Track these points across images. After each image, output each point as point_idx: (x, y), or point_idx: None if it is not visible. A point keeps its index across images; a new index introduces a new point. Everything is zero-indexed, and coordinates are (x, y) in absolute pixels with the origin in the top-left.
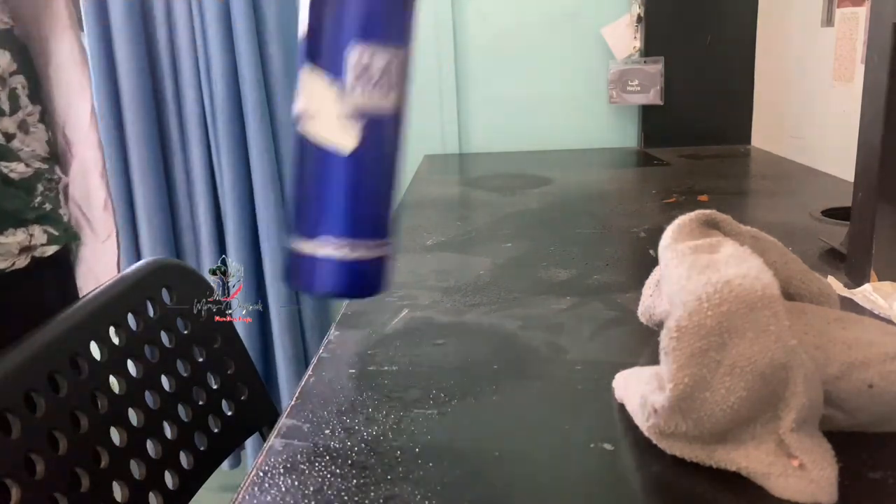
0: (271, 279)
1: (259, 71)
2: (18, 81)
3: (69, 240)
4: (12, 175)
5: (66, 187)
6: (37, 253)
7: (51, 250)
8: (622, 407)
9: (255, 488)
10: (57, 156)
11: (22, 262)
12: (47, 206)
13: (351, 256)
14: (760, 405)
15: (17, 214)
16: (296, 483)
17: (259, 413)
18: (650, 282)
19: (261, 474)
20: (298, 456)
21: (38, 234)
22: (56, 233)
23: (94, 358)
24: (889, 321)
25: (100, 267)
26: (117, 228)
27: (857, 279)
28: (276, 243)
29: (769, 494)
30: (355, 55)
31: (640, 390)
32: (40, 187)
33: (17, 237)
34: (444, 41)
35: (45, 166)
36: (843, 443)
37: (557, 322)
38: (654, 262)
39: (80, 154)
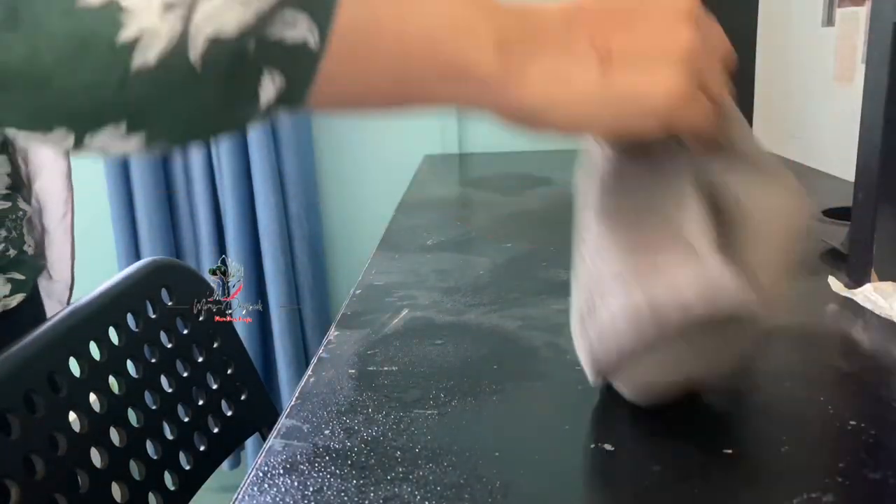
0: (271, 279)
1: None
2: None
3: (37, 276)
4: None
5: (28, 217)
6: None
7: (17, 300)
8: (622, 407)
9: (255, 488)
10: (20, 186)
11: None
12: (11, 252)
13: None
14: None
15: None
16: (296, 483)
17: (259, 413)
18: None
19: (261, 474)
20: (298, 456)
21: (1, 285)
22: (23, 277)
23: (93, 358)
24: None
25: (47, 302)
26: (73, 278)
27: (857, 279)
28: (276, 243)
29: (769, 495)
30: None
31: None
32: (3, 232)
33: None
34: None
35: (8, 204)
36: (842, 442)
37: (557, 322)
38: None
39: (43, 187)
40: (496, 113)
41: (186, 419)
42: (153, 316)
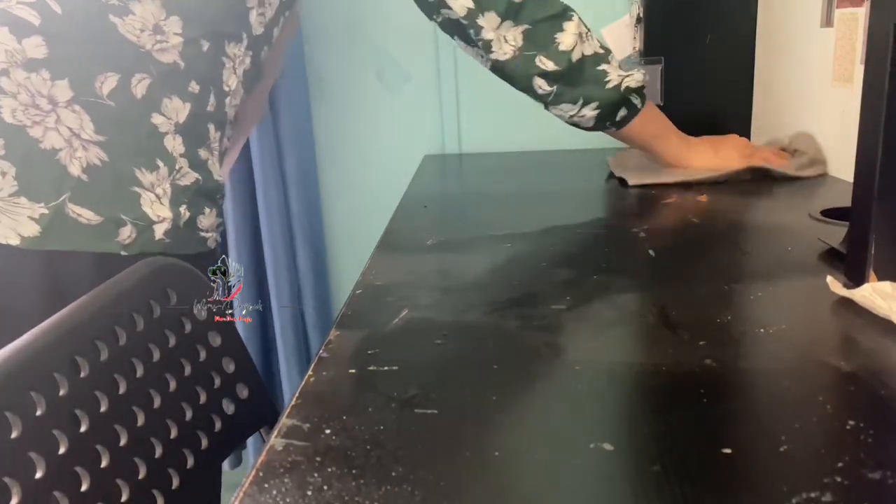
0: (273, 279)
1: None
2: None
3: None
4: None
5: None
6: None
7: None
8: (622, 407)
9: (255, 488)
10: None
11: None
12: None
13: None
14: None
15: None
16: (296, 483)
17: (260, 412)
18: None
19: (261, 474)
20: (298, 456)
21: (216, 217)
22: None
23: (94, 357)
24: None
25: None
26: None
27: (856, 279)
28: (278, 243)
29: (768, 495)
30: None
31: None
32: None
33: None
34: (443, 41)
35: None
36: (841, 442)
37: (557, 322)
38: (655, 261)
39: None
40: (671, 160)
41: (188, 418)
42: (154, 315)
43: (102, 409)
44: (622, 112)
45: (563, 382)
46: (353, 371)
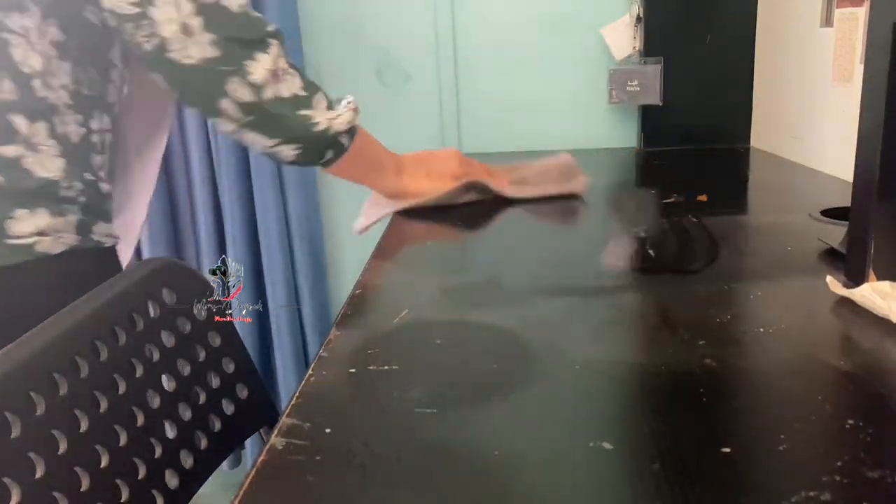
0: (271, 279)
1: None
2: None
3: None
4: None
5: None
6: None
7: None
8: (622, 407)
9: (255, 488)
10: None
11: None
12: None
13: None
14: None
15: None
16: (296, 483)
17: (259, 412)
18: None
19: (261, 474)
20: (298, 456)
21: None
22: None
23: (94, 357)
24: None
25: None
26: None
27: (855, 279)
28: (276, 243)
29: (768, 494)
30: None
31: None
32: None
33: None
34: (443, 42)
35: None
36: (840, 441)
37: (557, 322)
38: (654, 262)
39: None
40: (391, 194)
41: (188, 418)
42: (154, 315)
43: (102, 409)
44: (329, 154)
45: (563, 382)
46: (353, 371)
